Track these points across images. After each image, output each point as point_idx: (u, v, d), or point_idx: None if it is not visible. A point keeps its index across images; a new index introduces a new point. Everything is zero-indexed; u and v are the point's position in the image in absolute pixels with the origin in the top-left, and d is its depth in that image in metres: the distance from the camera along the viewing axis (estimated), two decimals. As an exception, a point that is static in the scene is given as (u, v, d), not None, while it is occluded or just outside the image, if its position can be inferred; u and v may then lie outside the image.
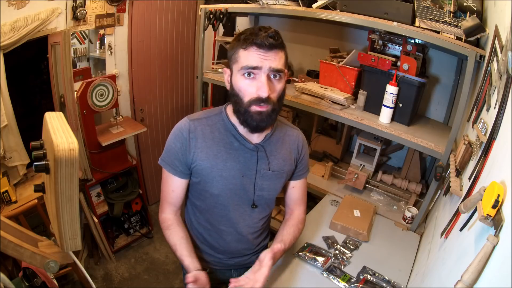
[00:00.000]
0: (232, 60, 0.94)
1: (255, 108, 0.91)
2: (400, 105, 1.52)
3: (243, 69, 0.90)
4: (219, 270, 1.18)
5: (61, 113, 0.74)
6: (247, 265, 1.17)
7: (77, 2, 1.88)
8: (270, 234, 1.29)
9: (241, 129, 1.00)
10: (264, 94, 0.89)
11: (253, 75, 0.90)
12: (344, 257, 1.27)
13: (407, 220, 1.54)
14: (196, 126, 1.00)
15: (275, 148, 1.06)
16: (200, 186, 1.04)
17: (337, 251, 1.30)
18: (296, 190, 1.18)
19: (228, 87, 0.98)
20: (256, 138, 1.03)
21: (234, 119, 1.00)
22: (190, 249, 1.03)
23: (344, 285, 1.14)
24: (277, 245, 1.03)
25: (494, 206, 0.56)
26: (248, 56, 0.89)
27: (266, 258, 0.97)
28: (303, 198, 1.21)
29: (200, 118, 1.03)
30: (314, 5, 1.62)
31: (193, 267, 0.97)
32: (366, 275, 1.19)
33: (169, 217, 1.08)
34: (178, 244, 1.03)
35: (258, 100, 0.90)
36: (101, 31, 2.17)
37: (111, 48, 2.23)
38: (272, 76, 0.91)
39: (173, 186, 1.05)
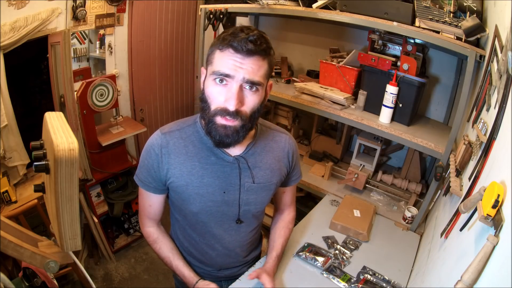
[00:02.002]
0: (208, 60, 0.83)
1: (220, 120, 0.81)
2: (400, 105, 1.52)
3: (214, 74, 0.80)
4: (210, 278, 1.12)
5: (61, 113, 0.73)
6: (237, 276, 1.13)
7: (77, 2, 1.88)
8: (263, 231, 1.28)
9: None
10: (231, 107, 0.78)
11: (225, 82, 0.79)
12: (344, 257, 1.27)
13: (407, 220, 1.53)
14: (168, 141, 0.92)
15: (260, 159, 0.97)
16: (178, 203, 0.99)
17: (337, 251, 1.30)
18: (287, 194, 1.17)
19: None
20: (236, 150, 0.93)
21: None
22: (183, 258, 1.05)
23: (344, 285, 1.13)
24: (271, 262, 1.06)
25: (494, 206, 0.56)
26: (222, 60, 0.78)
27: (266, 283, 0.98)
28: (293, 199, 1.20)
29: (173, 131, 0.94)
30: (314, 5, 1.62)
31: (193, 277, 1.01)
32: (366, 275, 1.19)
33: (152, 231, 1.06)
34: (171, 256, 1.04)
35: (224, 111, 0.80)
36: (101, 31, 2.17)
37: (111, 48, 2.23)
38: (247, 87, 0.80)
39: (150, 201, 1.01)
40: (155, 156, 0.92)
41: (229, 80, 0.79)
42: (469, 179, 0.90)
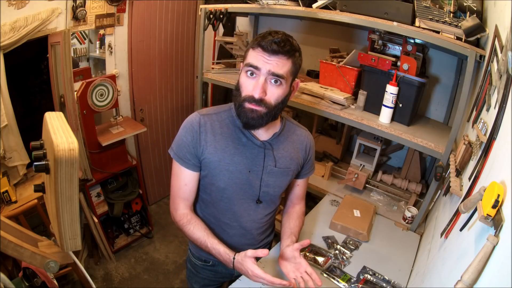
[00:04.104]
0: (244, 57, 0.98)
1: (248, 105, 0.94)
2: (400, 105, 1.52)
3: (246, 66, 0.94)
4: (222, 263, 1.18)
5: (61, 113, 0.73)
6: None
7: (77, 2, 1.88)
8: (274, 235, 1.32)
9: None
10: (256, 94, 0.92)
11: (255, 75, 0.93)
12: (344, 257, 1.27)
13: (407, 220, 1.53)
14: (206, 121, 1.03)
15: (283, 146, 1.09)
16: (207, 179, 1.07)
17: (337, 251, 1.30)
18: (299, 187, 1.25)
19: None
20: (263, 135, 1.06)
21: None
22: (216, 237, 1.08)
23: (344, 285, 1.14)
24: (291, 240, 1.10)
25: (494, 206, 0.56)
26: (253, 56, 0.93)
27: (298, 257, 1.03)
28: (304, 194, 1.28)
29: (210, 114, 1.06)
30: (314, 5, 1.62)
31: (229, 252, 1.02)
32: (366, 275, 1.19)
33: (186, 212, 1.09)
34: (206, 235, 1.07)
35: (251, 98, 0.93)
36: (101, 31, 2.17)
37: (111, 48, 2.23)
38: (272, 81, 0.93)
39: (186, 180, 1.07)
40: (194, 133, 1.02)
41: (257, 73, 0.93)
42: (469, 179, 0.90)
